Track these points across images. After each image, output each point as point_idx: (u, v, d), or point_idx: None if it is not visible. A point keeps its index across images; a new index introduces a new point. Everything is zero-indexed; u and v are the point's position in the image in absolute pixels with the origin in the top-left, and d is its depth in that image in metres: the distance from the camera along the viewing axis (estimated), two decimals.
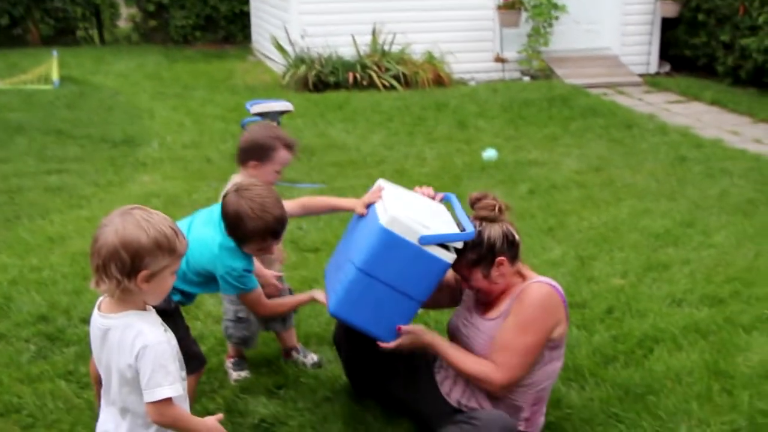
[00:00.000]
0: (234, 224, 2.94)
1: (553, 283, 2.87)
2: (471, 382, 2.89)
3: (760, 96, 10.43)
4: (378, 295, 2.74)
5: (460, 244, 2.76)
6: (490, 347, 2.86)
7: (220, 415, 2.43)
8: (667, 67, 12.36)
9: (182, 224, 3.16)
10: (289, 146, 3.52)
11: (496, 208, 2.90)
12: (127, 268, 2.16)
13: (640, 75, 11.78)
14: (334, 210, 3.45)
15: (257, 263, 3.36)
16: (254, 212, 2.89)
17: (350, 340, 3.24)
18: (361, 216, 3.03)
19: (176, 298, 3.16)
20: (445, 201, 3.13)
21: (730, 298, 4.55)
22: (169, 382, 2.21)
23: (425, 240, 2.67)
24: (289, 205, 3.21)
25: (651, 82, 11.59)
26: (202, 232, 3.06)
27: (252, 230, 2.93)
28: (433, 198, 3.16)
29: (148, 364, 2.19)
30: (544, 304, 2.81)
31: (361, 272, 2.73)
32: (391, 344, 2.83)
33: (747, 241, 5.40)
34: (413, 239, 2.66)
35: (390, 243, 2.67)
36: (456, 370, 2.88)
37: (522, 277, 2.92)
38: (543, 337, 2.78)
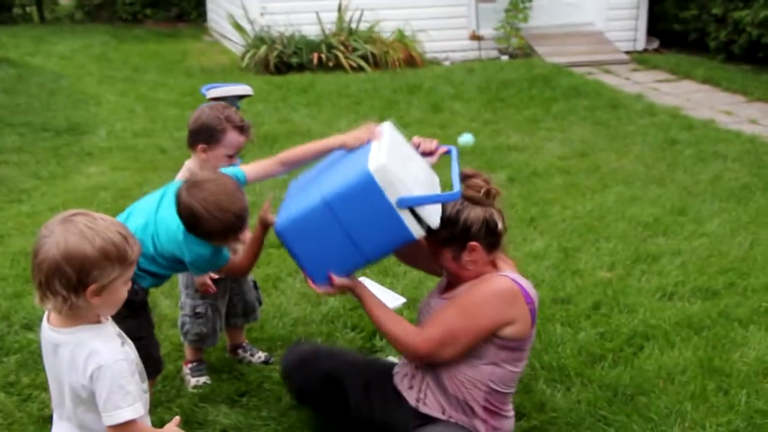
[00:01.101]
0: (191, 224, 2.91)
1: (522, 282, 2.84)
2: (392, 344, 2.95)
3: (754, 73, 10.54)
4: (330, 235, 2.74)
5: (436, 223, 2.75)
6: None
7: (177, 419, 2.41)
8: (655, 44, 12.45)
9: (154, 197, 3.15)
10: (240, 128, 3.49)
11: (483, 191, 2.87)
12: (72, 283, 2.10)
13: (627, 52, 11.86)
14: (320, 154, 3.18)
15: None
16: (210, 213, 2.85)
17: (300, 372, 3.25)
18: (350, 149, 3.00)
19: (146, 283, 3.13)
20: (448, 154, 3.13)
21: (724, 291, 4.59)
22: (128, 403, 2.18)
23: (402, 202, 2.65)
24: (266, 165, 3.18)
25: (638, 59, 11.67)
26: (168, 215, 3.01)
27: (211, 230, 2.91)
28: (435, 151, 3.17)
29: (105, 386, 2.16)
30: (496, 294, 2.80)
31: (325, 205, 2.72)
32: (319, 289, 2.86)
33: (742, 230, 5.46)
34: (392, 197, 2.64)
35: (368, 189, 2.65)
36: (381, 330, 2.92)
37: (496, 268, 2.92)
38: (481, 325, 2.76)
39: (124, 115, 8.57)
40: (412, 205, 2.68)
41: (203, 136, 3.48)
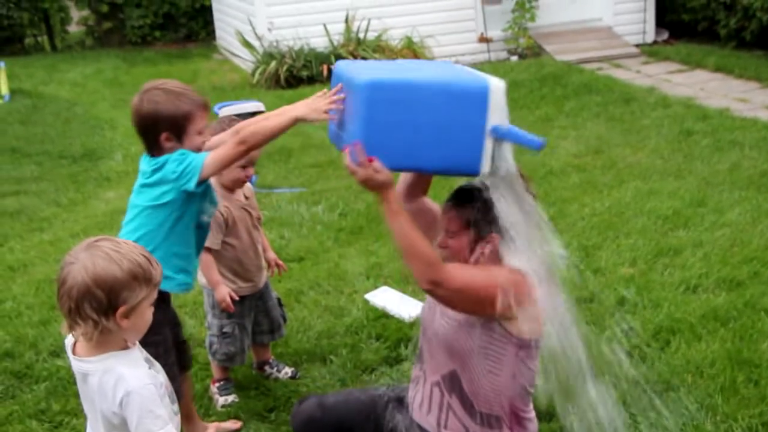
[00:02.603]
0: (153, 124, 2.97)
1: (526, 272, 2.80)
2: (407, 260, 2.65)
3: (767, 59, 10.47)
4: (410, 119, 2.57)
5: (507, 167, 2.65)
6: (458, 332, 2.77)
7: (235, 424, 2.43)
8: (665, 35, 12.40)
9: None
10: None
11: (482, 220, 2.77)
12: (103, 306, 2.14)
13: (637, 45, 11.81)
14: (277, 135, 3.01)
15: (209, 273, 3.54)
16: (167, 98, 2.96)
17: (310, 430, 3.13)
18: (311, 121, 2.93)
19: (174, 285, 3.06)
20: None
21: (749, 281, 4.56)
22: (159, 426, 2.20)
23: (496, 131, 2.61)
24: (227, 149, 2.95)
25: (649, 52, 11.62)
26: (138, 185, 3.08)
27: (172, 116, 2.95)
28: None
29: (134, 412, 2.18)
30: (512, 272, 2.76)
31: (429, 89, 2.59)
32: (351, 165, 2.58)
33: (763, 217, 5.42)
34: (490, 120, 2.60)
35: (477, 99, 2.60)
36: (401, 240, 2.65)
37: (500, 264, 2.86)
38: (494, 284, 2.65)
39: (138, 139, 8.60)
40: (502, 136, 2.62)
41: None
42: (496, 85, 2.64)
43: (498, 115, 2.63)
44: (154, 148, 3.01)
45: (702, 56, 10.87)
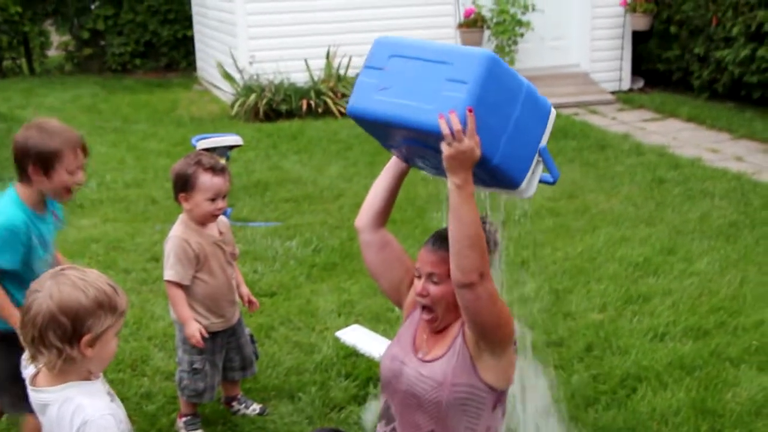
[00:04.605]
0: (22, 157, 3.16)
1: None
2: (470, 248, 2.52)
3: (738, 110, 10.67)
4: (504, 107, 2.53)
5: (531, 191, 2.70)
6: (436, 391, 2.66)
7: None
8: (640, 83, 12.61)
9: None
10: (211, 169, 3.55)
11: (486, 240, 2.65)
12: (68, 333, 2.13)
13: (613, 92, 12.00)
14: None
15: (179, 308, 3.56)
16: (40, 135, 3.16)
17: None
18: None
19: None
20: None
21: (715, 330, 4.63)
22: None
23: (543, 149, 2.67)
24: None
25: (624, 99, 11.81)
26: None
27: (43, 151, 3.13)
28: None
29: None
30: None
31: (527, 89, 2.59)
32: (455, 132, 2.39)
33: (731, 267, 5.51)
34: (543, 138, 2.67)
35: (546, 113, 2.69)
36: (471, 226, 2.52)
37: None
38: (508, 310, 2.64)
39: (114, 166, 8.61)
40: (544, 156, 2.67)
41: (179, 185, 3.58)
42: (552, 109, 2.68)
43: (547, 137, 2.67)
44: (24, 179, 3.20)
45: (676, 106, 11.06)
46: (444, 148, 2.43)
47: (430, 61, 2.55)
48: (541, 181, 2.72)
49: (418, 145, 2.64)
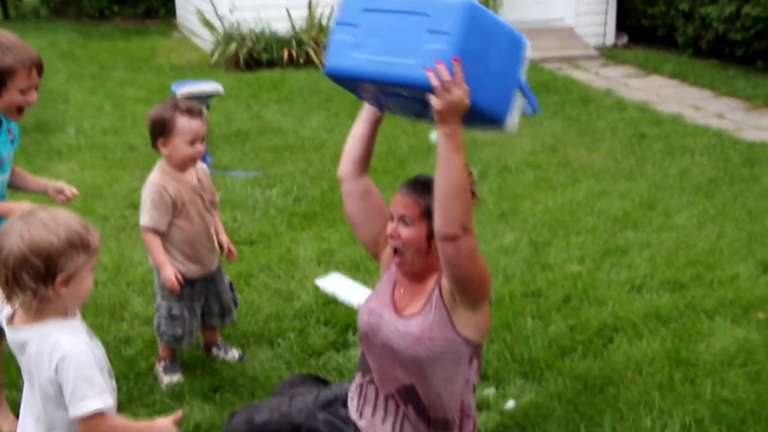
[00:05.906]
0: None
1: None
2: (454, 199, 2.52)
3: (721, 68, 10.71)
4: (484, 52, 2.50)
5: (513, 125, 2.67)
6: (414, 347, 2.67)
7: (180, 413, 2.43)
8: (624, 39, 12.59)
9: None
10: (188, 112, 3.51)
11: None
12: (41, 274, 2.13)
13: (597, 47, 11.99)
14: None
15: (154, 254, 3.55)
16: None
17: None
18: None
19: None
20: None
21: (691, 283, 4.69)
22: (95, 393, 2.18)
23: (523, 83, 2.63)
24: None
25: (608, 54, 11.80)
26: None
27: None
28: None
29: (70, 378, 2.16)
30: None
31: (508, 36, 2.57)
32: (445, 82, 2.37)
33: (708, 222, 5.57)
34: (521, 72, 2.62)
35: (522, 46, 2.62)
36: (457, 177, 2.56)
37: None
38: (486, 266, 2.63)
39: (92, 113, 8.54)
40: (525, 90, 2.63)
41: (157, 130, 3.55)
42: (525, 41, 2.64)
43: (524, 70, 2.64)
44: None
45: (659, 62, 11.08)
46: (433, 100, 2.41)
47: (406, 12, 2.50)
48: (530, 108, 2.70)
49: (401, 98, 2.63)
